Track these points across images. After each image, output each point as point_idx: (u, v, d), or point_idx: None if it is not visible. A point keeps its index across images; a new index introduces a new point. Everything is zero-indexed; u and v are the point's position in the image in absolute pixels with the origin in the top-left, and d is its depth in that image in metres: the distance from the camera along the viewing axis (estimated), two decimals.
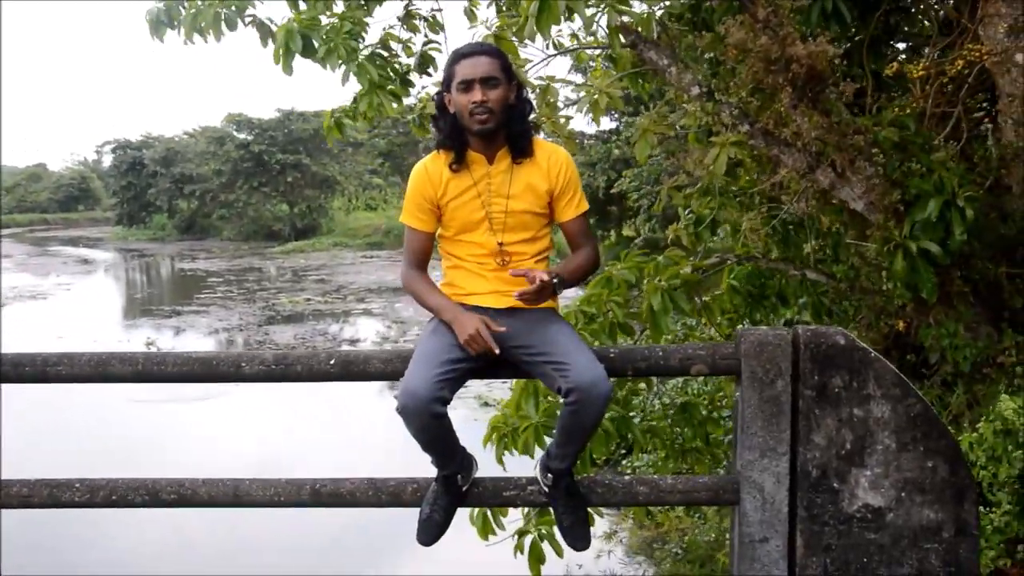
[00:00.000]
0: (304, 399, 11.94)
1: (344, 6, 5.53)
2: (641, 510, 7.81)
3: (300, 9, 5.45)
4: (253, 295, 23.84)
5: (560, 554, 4.25)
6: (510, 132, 2.85)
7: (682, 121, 5.77)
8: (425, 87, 6.08)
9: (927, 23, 5.64)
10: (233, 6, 5.26)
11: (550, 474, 2.88)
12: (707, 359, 2.87)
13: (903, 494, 2.77)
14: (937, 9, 5.62)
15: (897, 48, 5.78)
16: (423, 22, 5.85)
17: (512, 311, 2.85)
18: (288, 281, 27.09)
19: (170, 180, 46.02)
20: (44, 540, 7.56)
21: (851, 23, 4.77)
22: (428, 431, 2.67)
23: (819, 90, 4.41)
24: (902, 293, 4.48)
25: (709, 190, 5.57)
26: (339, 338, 17.88)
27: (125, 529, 7.83)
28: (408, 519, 3.05)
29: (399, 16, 5.82)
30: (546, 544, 4.30)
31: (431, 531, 2.92)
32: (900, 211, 4.39)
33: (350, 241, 38.11)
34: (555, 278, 2.78)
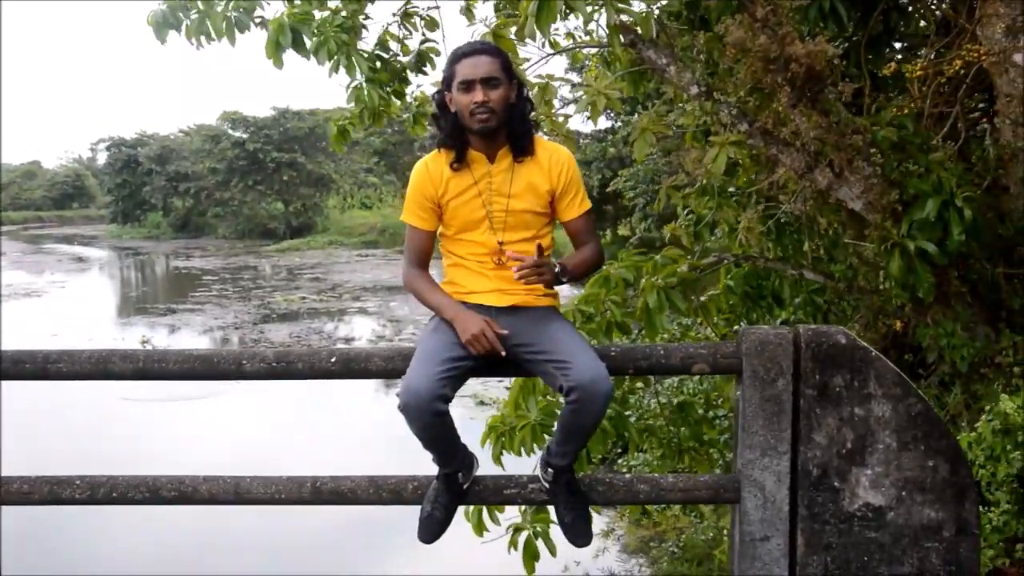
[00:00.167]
0: (302, 398, 11.90)
1: (340, 1, 5.52)
2: (636, 508, 7.82)
3: (295, 3, 5.44)
4: (248, 293, 23.80)
5: (554, 552, 4.24)
6: (511, 131, 2.85)
7: (680, 120, 5.78)
8: (420, 85, 6.08)
9: (925, 23, 5.66)
10: (241, 7, 5.24)
11: (551, 469, 2.88)
12: (708, 358, 2.88)
13: (904, 493, 2.78)
14: (935, 9, 5.63)
15: (895, 48, 5.78)
16: (421, 21, 5.85)
17: (513, 309, 2.86)
18: (283, 279, 27.05)
19: (165, 178, 45.90)
20: (43, 541, 7.54)
21: (848, 23, 4.78)
22: (430, 429, 2.67)
23: (818, 90, 4.41)
24: (899, 293, 4.48)
25: (707, 189, 5.57)
26: (334, 336, 17.84)
27: (125, 530, 7.81)
28: (407, 516, 3.06)
29: (395, 13, 5.82)
30: (541, 543, 4.30)
31: (432, 529, 2.91)
32: (898, 211, 4.40)
33: (345, 240, 38.04)
34: (557, 266, 2.79)
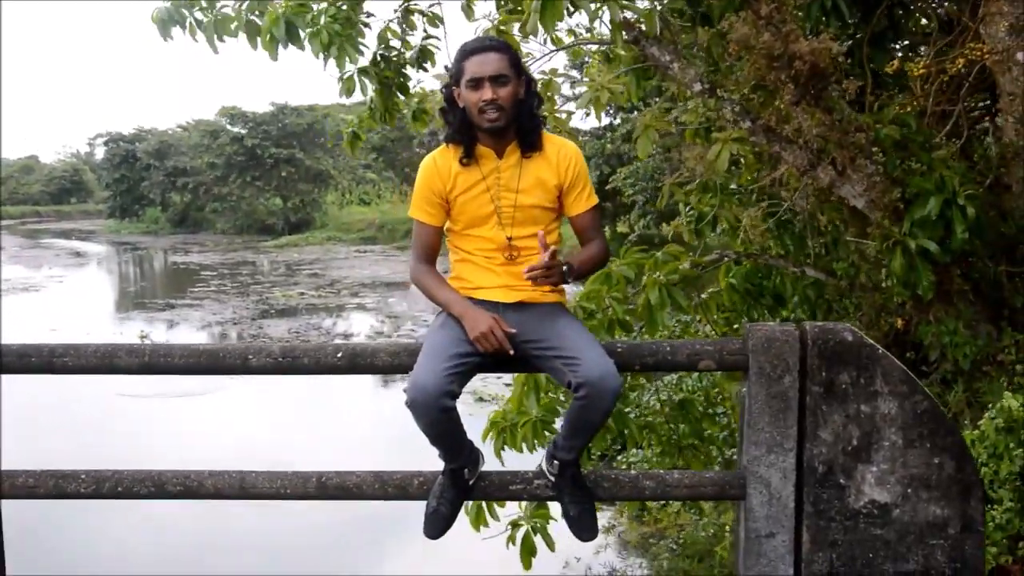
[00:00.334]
0: (301, 395, 11.90)
1: None
2: (635, 504, 7.84)
3: None
4: (246, 289, 23.80)
5: (552, 548, 4.25)
6: (520, 126, 2.85)
7: (683, 118, 5.77)
8: (421, 81, 6.07)
9: (927, 21, 5.66)
10: (256, 11, 5.20)
11: (556, 462, 2.88)
12: (715, 355, 2.87)
13: (909, 490, 2.78)
14: (936, 7, 5.63)
15: (896, 46, 5.78)
16: (423, 18, 5.84)
17: (520, 305, 2.86)
18: (281, 275, 27.05)
19: (163, 173, 45.80)
20: (44, 539, 7.53)
21: (851, 20, 4.78)
22: (437, 425, 2.67)
23: (821, 87, 4.41)
24: (901, 291, 4.49)
25: (709, 187, 5.58)
26: (332, 332, 17.85)
27: (127, 529, 7.82)
28: (410, 513, 3.06)
29: (396, 9, 5.80)
30: (539, 539, 4.31)
31: (438, 524, 2.91)
32: (900, 209, 4.41)
33: (343, 236, 38.02)
34: (565, 265, 2.79)
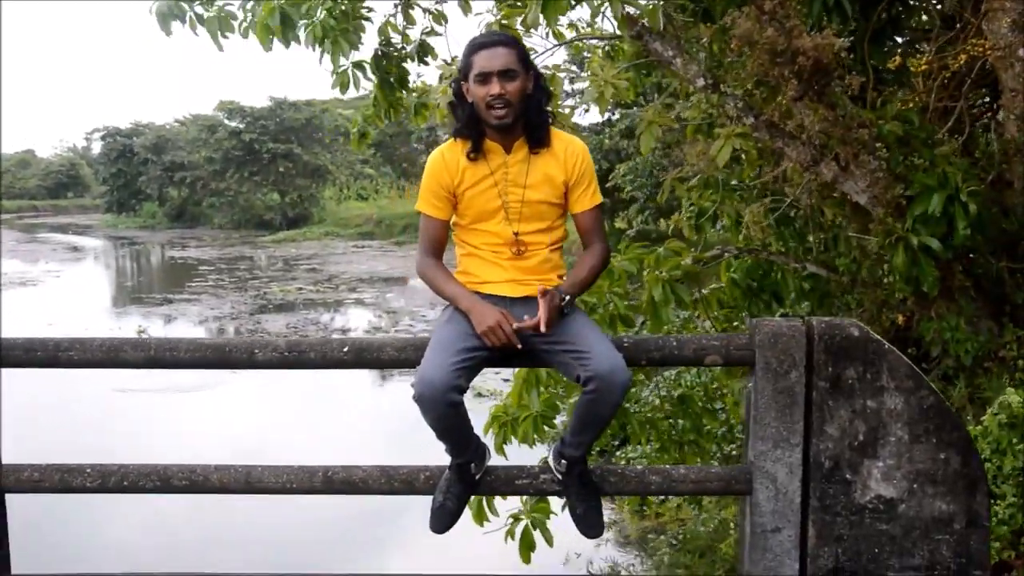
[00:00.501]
0: (303, 389, 11.89)
1: None
2: (636, 499, 7.84)
3: None
4: (244, 284, 23.75)
5: (551, 543, 4.25)
6: (528, 122, 2.85)
7: (686, 113, 5.77)
8: (421, 75, 6.07)
9: (928, 17, 5.65)
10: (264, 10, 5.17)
11: (564, 460, 2.88)
12: (721, 350, 2.88)
13: (915, 485, 2.79)
14: (938, 3, 5.63)
15: (897, 42, 5.78)
16: (427, 15, 5.84)
17: (528, 300, 2.85)
18: (279, 270, 27.00)
19: (160, 168, 45.70)
20: (48, 534, 7.52)
21: (852, 16, 4.78)
22: (444, 420, 2.68)
23: (824, 83, 4.41)
24: (903, 287, 4.49)
25: (711, 182, 5.58)
26: (330, 327, 17.84)
27: (129, 528, 7.81)
28: (414, 507, 3.06)
29: (396, 4, 5.79)
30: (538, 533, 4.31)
31: (444, 519, 2.92)
32: (902, 205, 4.41)
33: (341, 231, 37.95)
34: (564, 298, 2.78)
